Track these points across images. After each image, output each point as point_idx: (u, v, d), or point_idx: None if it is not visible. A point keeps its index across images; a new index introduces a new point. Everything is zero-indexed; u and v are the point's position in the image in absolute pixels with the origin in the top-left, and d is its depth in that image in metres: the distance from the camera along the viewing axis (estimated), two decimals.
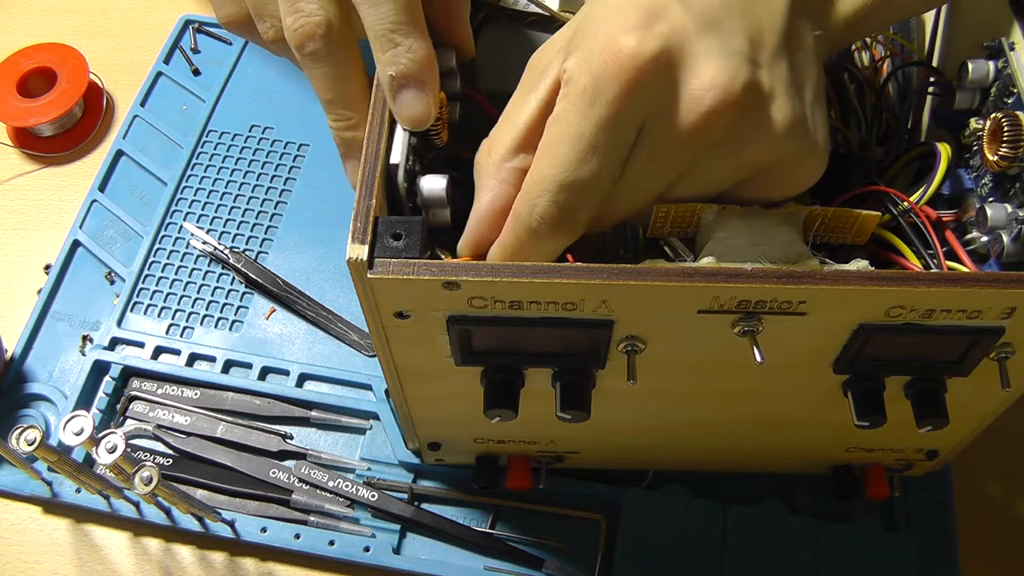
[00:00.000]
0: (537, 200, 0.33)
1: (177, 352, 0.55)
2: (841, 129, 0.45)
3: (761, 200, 0.36)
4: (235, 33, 0.43)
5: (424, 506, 0.50)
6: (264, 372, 0.55)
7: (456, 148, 0.40)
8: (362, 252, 0.32)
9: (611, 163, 0.33)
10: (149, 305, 0.57)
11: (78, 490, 0.50)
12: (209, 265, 0.59)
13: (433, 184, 0.36)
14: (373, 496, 0.50)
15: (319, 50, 0.38)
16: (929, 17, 0.48)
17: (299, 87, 0.67)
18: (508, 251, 0.35)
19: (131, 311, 0.57)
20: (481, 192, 0.36)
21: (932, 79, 0.44)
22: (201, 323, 0.57)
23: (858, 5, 0.37)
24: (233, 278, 0.58)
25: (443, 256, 0.37)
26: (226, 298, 0.58)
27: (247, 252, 0.59)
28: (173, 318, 0.57)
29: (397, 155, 0.35)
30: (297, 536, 0.49)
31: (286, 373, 0.55)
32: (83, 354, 0.55)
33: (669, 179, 0.34)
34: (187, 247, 0.59)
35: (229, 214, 0.61)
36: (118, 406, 0.54)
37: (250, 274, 0.58)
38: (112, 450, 0.40)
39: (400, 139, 0.36)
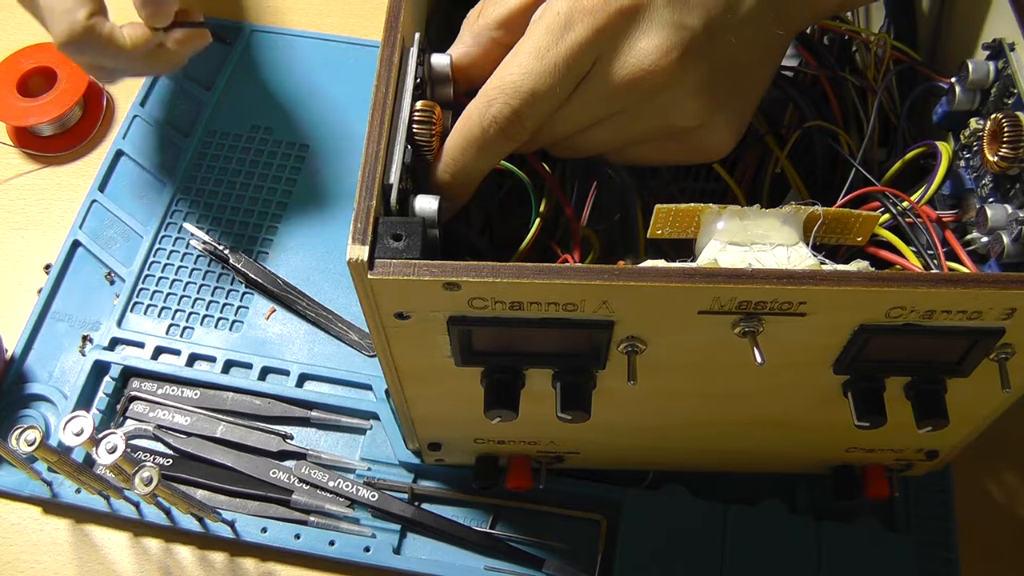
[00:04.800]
0: (494, 100, 0.36)
1: (177, 352, 0.55)
2: (841, 131, 0.45)
3: (671, 162, 0.42)
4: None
5: (424, 506, 0.50)
6: (264, 372, 0.55)
7: None
8: (363, 253, 0.32)
9: (564, 85, 0.36)
10: (149, 305, 0.57)
11: (78, 490, 0.50)
12: (209, 265, 0.59)
13: (425, 204, 0.36)
14: (373, 496, 0.50)
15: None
16: (929, 18, 0.48)
17: (299, 87, 0.67)
18: (450, 153, 0.38)
19: (131, 311, 0.57)
20: (455, 46, 0.40)
21: (932, 80, 0.44)
22: (201, 323, 0.57)
23: None
24: (233, 278, 0.58)
25: None
26: (226, 298, 0.58)
27: (247, 252, 0.59)
28: (173, 318, 0.57)
29: (392, 175, 0.35)
30: (297, 536, 0.49)
31: (286, 373, 0.55)
32: (83, 354, 0.55)
33: (600, 115, 0.38)
34: (187, 247, 0.59)
35: (229, 214, 0.61)
36: (118, 406, 0.54)
37: (250, 274, 0.58)
38: (112, 450, 0.40)
39: (396, 158, 0.36)
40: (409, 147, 0.36)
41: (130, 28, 0.51)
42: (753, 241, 0.36)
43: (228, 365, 0.55)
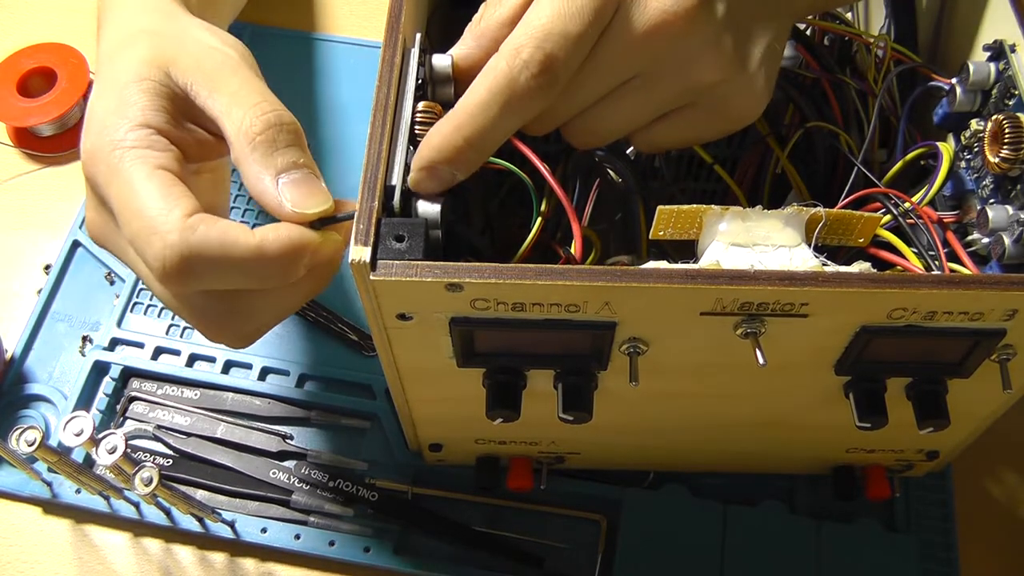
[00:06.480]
0: (524, 47, 0.34)
1: (177, 352, 0.55)
2: (842, 132, 0.45)
3: (700, 136, 0.40)
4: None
5: (424, 506, 0.50)
6: (264, 372, 0.55)
7: None
8: (365, 254, 0.32)
9: (593, 30, 0.35)
10: (149, 305, 0.57)
11: (78, 491, 0.50)
12: None
13: (427, 208, 0.35)
14: (373, 496, 0.50)
15: None
16: (930, 19, 0.48)
17: (300, 88, 0.67)
18: (467, 111, 0.35)
19: (131, 311, 0.57)
20: (457, 47, 0.39)
21: (933, 81, 0.44)
22: None
23: None
24: None
25: None
26: None
27: None
28: (173, 318, 0.57)
29: (394, 176, 0.35)
30: (297, 536, 0.49)
31: (286, 373, 0.55)
32: (83, 354, 0.55)
33: (621, 75, 0.37)
34: None
35: (229, 214, 0.61)
36: (118, 407, 0.53)
37: None
38: (112, 451, 0.40)
39: (398, 159, 0.36)
40: (411, 148, 0.36)
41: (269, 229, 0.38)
42: (755, 242, 0.36)
43: (228, 365, 0.55)
